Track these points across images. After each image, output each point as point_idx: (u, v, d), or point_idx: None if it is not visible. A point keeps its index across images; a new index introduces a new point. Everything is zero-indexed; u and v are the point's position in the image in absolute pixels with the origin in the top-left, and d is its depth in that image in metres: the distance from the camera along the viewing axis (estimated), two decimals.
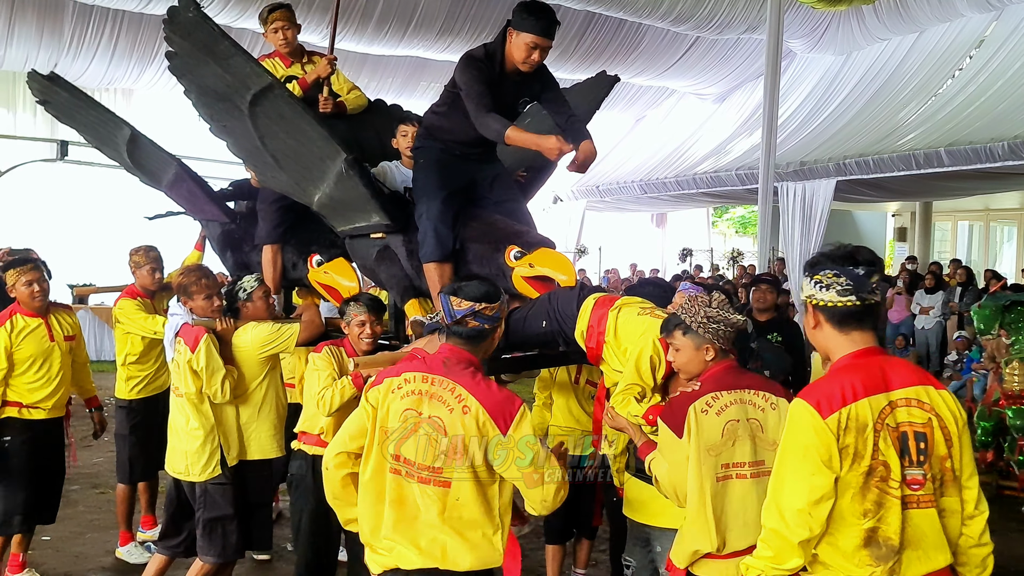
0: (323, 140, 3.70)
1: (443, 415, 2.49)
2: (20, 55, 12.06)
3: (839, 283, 2.11)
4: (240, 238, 4.90)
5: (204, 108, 3.89)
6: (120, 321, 4.77)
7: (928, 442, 2.09)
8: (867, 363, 2.13)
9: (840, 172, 11.60)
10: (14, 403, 4.25)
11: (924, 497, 2.09)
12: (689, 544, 2.69)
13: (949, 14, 12.83)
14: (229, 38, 3.62)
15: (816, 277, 2.14)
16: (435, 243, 3.69)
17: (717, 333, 2.73)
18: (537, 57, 3.58)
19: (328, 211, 4.09)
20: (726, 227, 24.87)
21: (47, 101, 5.00)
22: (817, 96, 14.67)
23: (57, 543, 5.00)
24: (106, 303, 10.81)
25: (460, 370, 2.53)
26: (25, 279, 4.19)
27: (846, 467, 2.05)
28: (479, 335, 2.59)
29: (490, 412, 2.46)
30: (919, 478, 2.08)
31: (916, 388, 2.13)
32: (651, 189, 15.58)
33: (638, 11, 12.63)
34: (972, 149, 10.07)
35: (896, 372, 2.14)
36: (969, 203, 16.69)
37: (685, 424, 2.66)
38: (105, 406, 5.02)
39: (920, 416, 2.10)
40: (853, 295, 2.11)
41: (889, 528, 2.05)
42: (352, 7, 11.72)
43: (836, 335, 2.16)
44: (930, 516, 2.09)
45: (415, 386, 2.55)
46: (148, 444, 4.70)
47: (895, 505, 2.05)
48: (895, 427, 2.08)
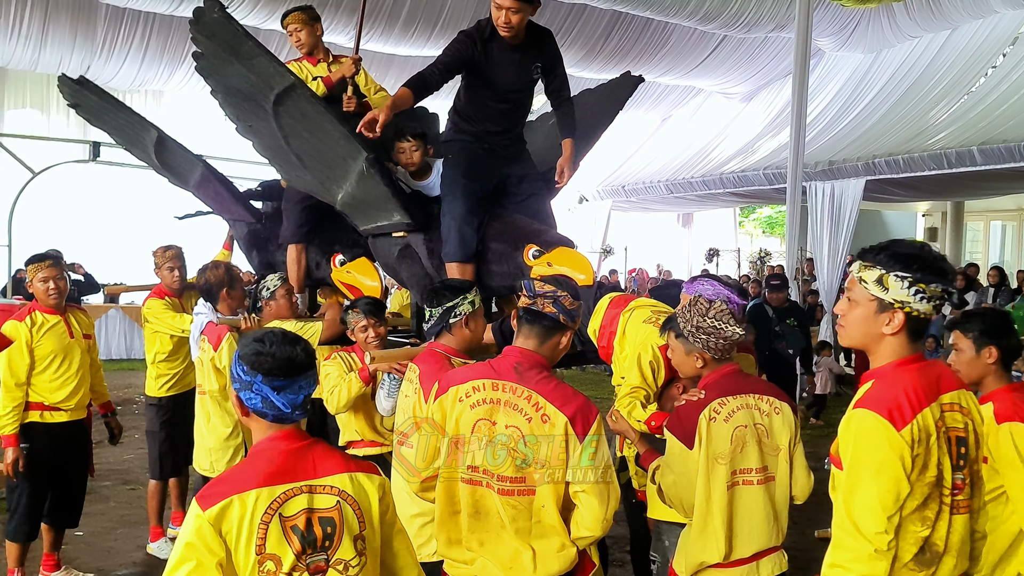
0: (345, 139, 3.74)
1: (520, 424, 2.40)
2: (54, 58, 12.27)
3: (938, 298, 1.99)
4: (266, 238, 4.96)
5: (230, 108, 3.95)
6: (149, 320, 4.85)
7: (967, 446, 2.06)
8: (920, 368, 2.04)
9: (869, 171, 11.46)
10: (36, 405, 4.18)
11: (963, 502, 2.06)
12: (694, 555, 2.65)
13: (982, 11, 12.63)
14: (253, 38, 3.67)
15: (919, 285, 1.98)
16: (458, 243, 3.71)
17: (707, 344, 2.68)
18: (505, 19, 3.55)
19: (351, 210, 4.13)
20: (753, 227, 24.64)
21: (78, 104, 5.09)
22: (846, 95, 14.50)
23: (89, 538, 5.08)
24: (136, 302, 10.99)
25: (534, 376, 2.43)
26: (42, 275, 4.17)
27: (915, 477, 1.97)
28: (553, 325, 2.48)
29: (571, 419, 2.39)
30: (960, 483, 2.05)
31: (957, 392, 2.08)
32: (677, 189, 15.50)
33: (665, 10, 12.56)
34: (1006, 148, 9.90)
35: (942, 377, 2.08)
36: (1002, 203, 16.43)
37: (696, 433, 2.62)
38: (136, 403, 5.08)
39: (960, 420, 2.06)
40: (939, 307, 2.03)
41: (936, 534, 2.01)
42: (379, 8, 11.79)
43: (906, 343, 2.04)
44: (966, 521, 2.06)
45: (485, 394, 2.45)
46: (178, 441, 4.76)
47: (945, 512, 2.02)
48: (946, 432, 2.02)
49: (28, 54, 12.23)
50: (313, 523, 1.92)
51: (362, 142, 3.72)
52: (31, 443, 4.14)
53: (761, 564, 2.63)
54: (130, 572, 4.68)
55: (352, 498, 1.96)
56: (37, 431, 4.18)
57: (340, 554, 1.94)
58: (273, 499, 1.90)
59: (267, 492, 1.90)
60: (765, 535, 2.63)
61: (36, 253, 4.39)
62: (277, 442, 1.97)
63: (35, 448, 4.15)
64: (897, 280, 1.99)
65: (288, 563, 1.89)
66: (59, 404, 4.23)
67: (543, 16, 13.40)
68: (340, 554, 1.94)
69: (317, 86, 4.29)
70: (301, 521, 1.91)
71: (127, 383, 9.83)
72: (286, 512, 1.91)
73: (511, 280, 3.76)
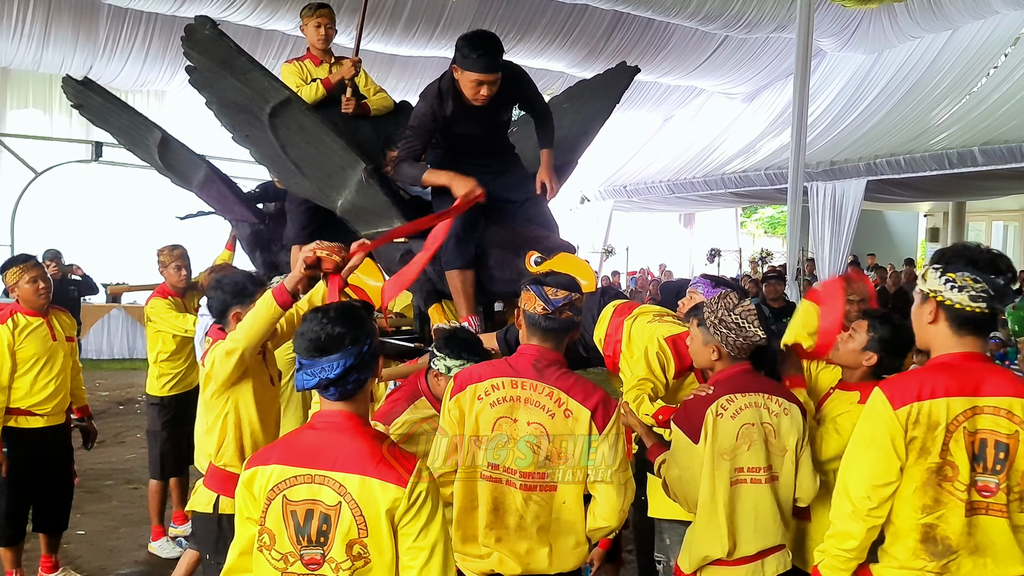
0: (343, 150, 3.77)
1: (543, 420, 2.42)
2: (56, 58, 12.30)
3: (975, 288, 2.08)
4: (269, 238, 4.97)
5: (226, 119, 3.99)
6: (152, 320, 4.86)
7: (1010, 453, 2.09)
8: (964, 366, 2.12)
9: (871, 172, 11.46)
10: (12, 410, 4.04)
11: (995, 505, 2.10)
12: (698, 550, 2.66)
13: (983, 11, 12.64)
14: (246, 54, 3.71)
15: (950, 275, 2.10)
16: (456, 251, 3.71)
17: (726, 339, 2.67)
18: (486, 92, 3.49)
19: (351, 216, 4.14)
20: (755, 227, 24.64)
21: (81, 105, 5.11)
22: (847, 95, 14.51)
23: (91, 537, 5.09)
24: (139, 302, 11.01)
25: (553, 372, 2.45)
26: (29, 276, 4.07)
27: (911, 459, 2.09)
28: (571, 326, 2.51)
29: (593, 412, 2.42)
30: (991, 486, 2.10)
31: (1009, 399, 2.10)
32: (679, 189, 15.51)
33: (666, 10, 12.58)
34: (1007, 148, 9.90)
35: (993, 380, 2.11)
36: (1004, 203, 16.42)
37: (703, 428, 2.63)
38: (138, 403, 5.09)
39: (1007, 427, 2.09)
40: (985, 303, 2.09)
41: (948, 528, 2.09)
42: (381, 8, 11.80)
43: (949, 335, 2.13)
44: (1000, 525, 2.10)
45: (505, 392, 2.46)
46: (179, 440, 4.76)
47: (957, 507, 2.08)
48: (972, 431, 2.09)
49: (31, 54, 12.26)
50: (313, 515, 1.91)
51: (360, 152, 3.74)
52: (8, 448, 4.03)
53: (766, 562, 2.64)
54: (132, 571, 4.70)
55: (355, 502, 1.91)
56: (11, 436, 4.06)
57: (333, 554, 1.92)
58: (283, 479, 1.93)
59: (280, 471, 1.94)
60: (770, 533, 2.64)
61: (13, 256, 4.34)
62: (314, 422, 2.02)
63: (10, 453, 4.04)
64: (932, 271, 2.15)
65: (283, 545, 1.92)
66: (36, 408, 4.10)
67: (544, 17, 13.46)
68: (333, 554, 1.92)
69: (316, 87, 4.31)
70: (301, 509, 1.92)
71: (129, 382, 9.85)
72: (291, 496, 1.92)
73: (512, 286, 3.75)
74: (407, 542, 1.92)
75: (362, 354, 1.95)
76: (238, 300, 3.14)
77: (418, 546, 1.91)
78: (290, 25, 10.75)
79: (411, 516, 1.91)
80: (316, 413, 2.04)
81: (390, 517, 1.90)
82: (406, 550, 1.92)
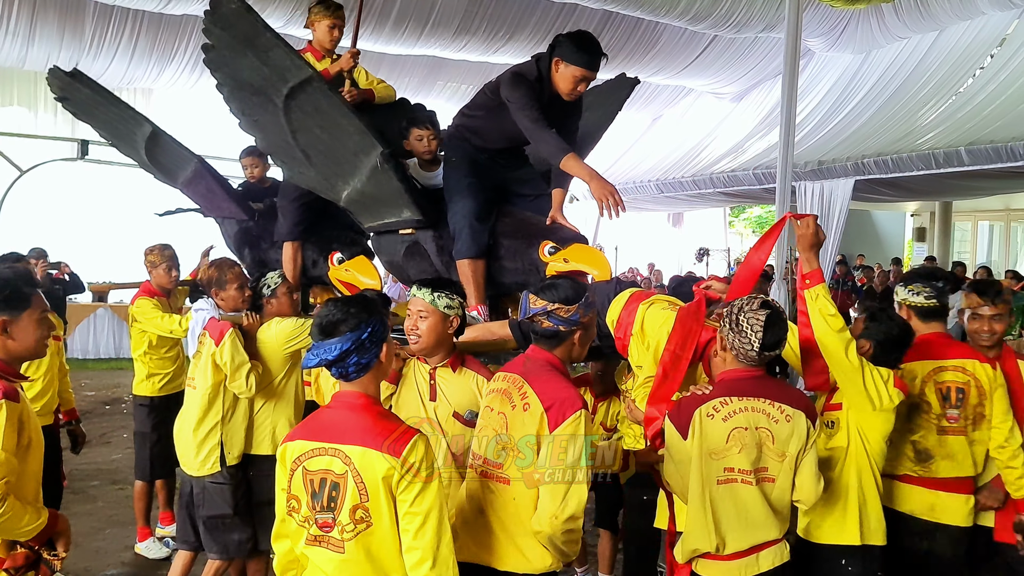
0: (360, 134, 3.71)
1: (507, 411, 2.55)
2: (42, 55, 12.18)
3: (926, 291, 3.39)
4: (258, 235, 4.93)
5: (237, 102, 3.88)
6: (137, 320, 4.81)
7: (966, 394, 3.29)
8: (933, 341, 3.37)
9: (859, 171, 11.49)
10: None
11: (957, 428, 3.30)
12: (689, 542, 2.70)
13: (970, 12, 12.70)
14: (271, 29, 3.60)
15: (911, 287, 3.42)
16: (470, 240, 3.71)
17: (732, 343, 2.66)
18: (582, 89, 3.60)
19: (357, 207, 4.10)
20: (743, 227, 24.72)
21: (66, 98, 5.00)
22: (835, 95, 14.55)
23: (77, 538, 5.00)
24: (125, 300, 10.94)
25: (536, 369, 2.57)
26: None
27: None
28: (554, 335, 2.59)
29: (546, 409, 2.45)
30: (955, 416, 3.30)
31: (963, 360, 3.33)
32: (668, 188, 15.52)
33: (655, 10, 12.57)
34: (993, 148, 9.95)
35: (953, 349, 3.37)
36: (989, 203, 16.53)
37: (690, 426, 2.65)
38: (124, 403, 5.04)
39: (962, 378, 3.31)
40: (935, 300, 3.39)
41: (926, 442, 3.31)
42: (370, 7, 11.75)
43: (921, 325, 3.38)
44: (960, 441, 3.30)
45: (499, 384, 2.65)
46: (167, 442, 4.70)
47: (933, 429, 3.30)
48: (941, 382, 3.31)
49: (15, 51, 12.13)
50: (326, 483, 2.18)
51: (377, 137, 3.71)
52: None
53: (761, 556, 2.65)
54: (118, 572, 4.66)
55: (357, 471, 2.15)
56: None
57: (341, 517, 2.17)
58: (304, 452, 2.22)
59: (301, 445, 2.24)
60: (761, 530, 2.64)
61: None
62: (331, 402, 2.29)
63: None
64: (900, 287, 3.50)
65: (304, 509, 2.22)
66: None
67: (533, 16, 13.45)
68: (341, 517, 2.17)
69: None
70: (316, 478, 2.19)
71: (116, 382, 9.78)
72: (309, 466, 2.21)
73: (524, 276, 3.76)
74: (403, 508, 2.15)
75: (361, 340, 2.18)
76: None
77: (413, 511, 2.14)
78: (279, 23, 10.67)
79: (405, 484, 2.14)
80: (334, 394, 2.29)
81: (387, 485, 2.14)
82: (403, 515, 2.16)
